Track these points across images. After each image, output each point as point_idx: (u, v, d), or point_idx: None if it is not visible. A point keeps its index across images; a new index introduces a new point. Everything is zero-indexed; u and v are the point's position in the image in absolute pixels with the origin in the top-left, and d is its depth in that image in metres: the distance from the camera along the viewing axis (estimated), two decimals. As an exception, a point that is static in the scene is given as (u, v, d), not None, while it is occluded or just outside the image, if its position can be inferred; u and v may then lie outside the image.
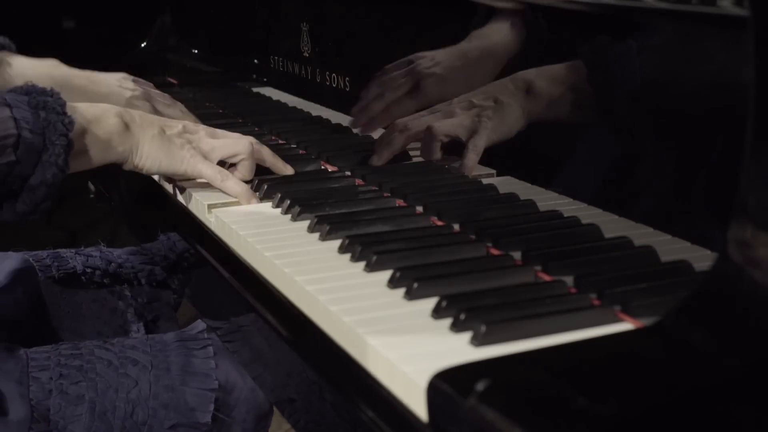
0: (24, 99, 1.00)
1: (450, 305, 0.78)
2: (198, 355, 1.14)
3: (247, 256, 1.00)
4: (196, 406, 1.10)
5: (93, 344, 1.14)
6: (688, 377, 0.64)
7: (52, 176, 0.99)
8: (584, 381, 0.64)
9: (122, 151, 1.10)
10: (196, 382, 1.11)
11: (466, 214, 1.02)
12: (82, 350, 1.12)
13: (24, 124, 0.98)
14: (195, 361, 1.13)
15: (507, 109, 1.13)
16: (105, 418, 1.06)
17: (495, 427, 0.60)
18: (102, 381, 1.08)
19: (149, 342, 1.15)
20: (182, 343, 1.15)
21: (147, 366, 1.11)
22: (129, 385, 1.09)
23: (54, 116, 1.00)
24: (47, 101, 1.01)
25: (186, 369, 1.12)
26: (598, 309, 0.77)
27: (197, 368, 1.13)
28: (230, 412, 1.12)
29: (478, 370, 0.65)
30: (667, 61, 0.92)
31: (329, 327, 0.82)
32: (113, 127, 1.09)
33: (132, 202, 1.52)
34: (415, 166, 1.24)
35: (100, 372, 1.09)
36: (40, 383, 1.06)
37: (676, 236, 0.92)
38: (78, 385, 1.07)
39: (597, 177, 1.04)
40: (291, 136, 1.42)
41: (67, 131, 1.00)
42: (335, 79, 1.54)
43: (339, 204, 1.08)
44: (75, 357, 1.10)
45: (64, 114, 1.01)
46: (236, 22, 1.96)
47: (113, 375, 1.09)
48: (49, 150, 0.99)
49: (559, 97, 1.07)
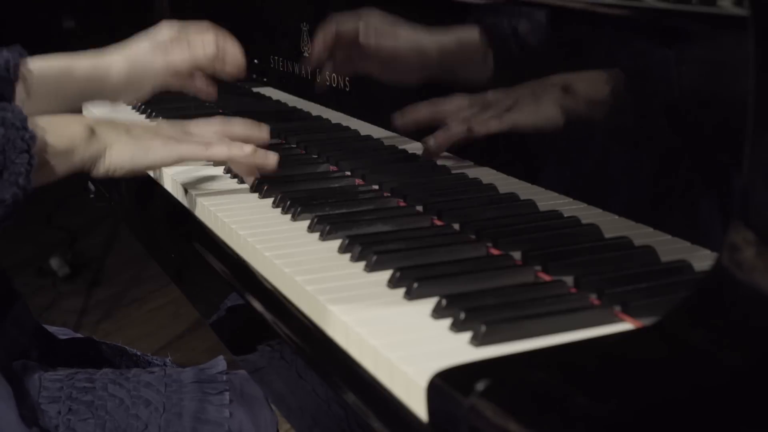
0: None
1: (450, 305, 0.78)
2: (213, 402, 1.11)
3: (246, 256, 1.00)
4: None
5: (108, 378, 1.10)
6: (687, 377, 0.64)
7: (12, 195, 0.95)
8: (584, 381, 0.64)
9: (89, 157, 1.06)
10: (208, 431, 1.08)
11: (466, 214, 1.02)
12: (96, 384, 1.09)
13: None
14: (209, 408, 1.10)
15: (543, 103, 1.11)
16: None
17: (495, 427, 0.60)
18: (111, 420, 1.05)
19: (165, 380, 1.11)
20: (198, 386, 1.12)
21: (159, 409, 1.08)
22: (138, 427, 1.06)
23: (13, 132, 0.96)
24: (5, 117, 0.97)
25: (198, 416, 1.09)
26: (598, 309, 0.77)
27: (210, 416, 1.09)
28: None
29: (478, 370, 0.65)
30: (667, 61, 0.92)
31: (329, 327, 0.82)
32: (77, 134, 1.05)
33: (132, 202, 1.52)
34: (415, 166, 1.24)
35: (110, 410, 1.06)
36: (49, 417, 1.04)
37: (676, 236, 0.92)
38: (86, 422, 1.05)
39: (598, 177, 1.04)
40: (291, 136, 1.42)
41: (28, 147, 0.96)
42: (335, 79, 1.53)
43: (339, 204, 1.08)
44: (87, 391, 1.08)
45: (25, 129, 0.97)
46: (236, 22, 1.96)
47: (123, 415, 1.06)
48: (9, 169, 0.95)
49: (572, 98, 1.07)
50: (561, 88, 1.06)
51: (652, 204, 0.96)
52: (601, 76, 1.01)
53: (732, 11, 0.80)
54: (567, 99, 1.06)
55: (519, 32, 1.12)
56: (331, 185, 1.18)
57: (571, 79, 1.05)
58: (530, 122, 1.11)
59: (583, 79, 1.04)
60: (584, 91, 1.04)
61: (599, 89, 1.02)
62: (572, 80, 1.05)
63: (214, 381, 1.13)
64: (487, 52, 1.16)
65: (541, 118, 1.09)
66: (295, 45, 1.65)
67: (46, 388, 1.07)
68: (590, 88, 1.03)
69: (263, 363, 1.02)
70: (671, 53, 0.91)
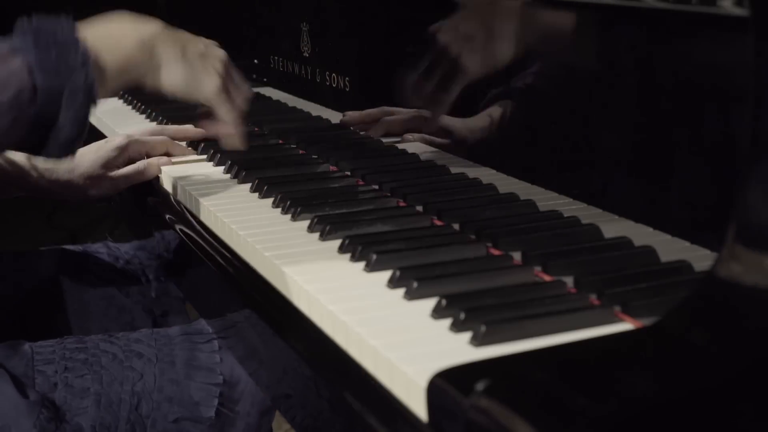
0: (31, 40, 0.94)
1: (450, 305, 0.78)
2: (203, 349, 1.14)
3: (246, 256, 1.00)
4: (200, 400, 1.10)
5: (98, 338, 1.14)
6: (687, 377, 0.64)
7: (75, 117, 0.94)
8: (584, 381, 0.64)
9: (143, 72, 1.06)
10: (201, 377, 1.11)
11: (466, 214, 1.02)
12: (87, 344, 1.12)
13: (37, 69, 0.92)
14: (200, 356, 1.13)
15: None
16: (111, 410, 1.06)
17: (495, 427, 0.60)
18: (107, 374, 1.08)
19: (154, 336, 1.15)
20: (187, 337, 1.15)
21: (152, 359, 1.11)
22: (134, 378, 1.09)
23: (67, 53, 0.94)
24: (57, 38, 0.94)
25: (190, 363, 1.12)
26: (598, 309, 0.77)
27: (202, 362, 1.13)
28: (234, 406, 1.12)
29: (478, 370, 0.65)
30: (667, 61, 0.92)
31: (329, 327, 0.82)
32: (131, 50, 1.04)
33: (132, 202, 1.52)
34: (415, 166, 1.24)
35: (105, 365, 1.09)
36: (46, 376, 1.07)
37: (676, 236, 0.92)
38: (83, 378, 1.07)
39: (598, 177, 1.04)
40: (291, 136, 1.42)
41: (84, 62, 0.95)
42: (335, 79, 1.54)
43: (339, 204, 1.08)
44: (80, 351, 1.10)
45: (76, 46, 0.94)
46: (236, 22, 1.96)
47: (118, 368, 1.09)
48: (68, 90, 0.93)
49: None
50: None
51: (652, 204, 0.96)
52: (601, 76, 1.01)
53: (732, 11, 0.80)
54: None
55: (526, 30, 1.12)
56: (331, 185, 1.18)
57: (571, 78, 1.05)
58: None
59: (583, 80, 1.04)
60: (585, 92, 1.04)
61: (600, 89, 1.02)
62: (573, 80, 1.05)
63: (201, 333, 1.16)
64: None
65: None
66: (295, 45, 1.65)
67: (39, 353, 1.09)
68: (591, 88, 1.03)
69: (257, 359, 1.03)
70: (672, 53, 0.91)
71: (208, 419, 1.10)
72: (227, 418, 1.12)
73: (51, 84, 0.93)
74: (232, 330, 1.08)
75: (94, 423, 1.05)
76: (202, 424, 1.10)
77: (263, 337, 0.95)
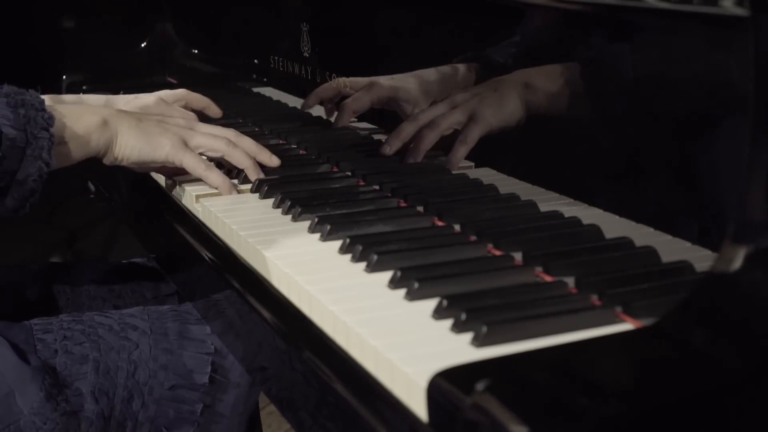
0: (2, 100, 1.03)
1: (451, 306, 0.78)
2: (194, 322, 1.19)
3: (247, 257, 1.00)
4: (194, 368, 1.16)
5: (93, 313, 1.20)
6: (688, 378, 0.64)
7: (38, 170, 1.02)
8: (585, 381, 0.64)
9: (102, 143, 1.12)
10: (193, 347, 1.17)
11: (467, 214, 1.02)
12: (83, 317, 1.17)
13: (5, 121, 1.00)
14: (191, 328, 1.19)
15: (506, 99, 1.13)
16: (109, 377, 1.11)
17: (496, 427, 0.61)
18: (104, 343, 1.13)
19: (146, 311, 1.20)
20: (177, 313, 1.21)
21: (146, 331, 1.16)
22: (130, 347, 1.14)
23: (33, 112, 1.03)
24: (25, 99, 1.03)
25: (183, 335, 1.17)
26: (599, 309, 0.77)
27: (193, 334, 1.18)
28: (226, 374, 1.17)
29: (479, 371, 0.65)
30: (668, 61, 0.92)
31: (329, 327, 0.82)
32: (91, 122, 1.11)
33: (132, 202, 1.52)
34: (415, 166, 1.24)
35: (102, 335, 1.14)
36: (46, 344, 1.12)
37: (676, 236, 0.92)
38: (82, 346, 1.12)
39: (599, 178, 1.04)
40: (291, 136, 1.42)
41: (47, 125, 1.03)
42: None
43: (340, 204, 1.08)
44: (77, 323, 1.16)
45: (43, 110, 1.04)
46: (236, 22, 1.96)
47: (114, 338, 1.14)
48: (32, 144, 1.02)
49: (556, 94, 1.07)
50: (562, 83, 1.06)
51: (652, 204, 0.96)
52: (601, 75, 1.01)
53: (732, 11, 0.80)
54: (564, 95, 1.06)
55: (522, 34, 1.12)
56: (331, 186, 1.18)
57: (568, 76, 1.05)
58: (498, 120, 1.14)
59: (584, 80, 1.04)
60: (587, 92, 1.04)
61: (600, 89, 1.02)
62: (578, 80, 1.05)
63: (190, 311, 1.21)
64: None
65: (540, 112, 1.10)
66: (295, 45, 1.65)
67: (37, 325, 1.14)
68: (591, 88, 1.03)
69: (233, 333, 1.05)
70: (672, 53, 0.92)
71: (202, 386, 1.15)
72: (220, 385, 1.17)
73: (17, 136, 1.01)
74: (212, 308, 1.13)
75: (93, 388, 1.10)
76: (197, 391, 1.15)
77: (240, 314, 0.99)
